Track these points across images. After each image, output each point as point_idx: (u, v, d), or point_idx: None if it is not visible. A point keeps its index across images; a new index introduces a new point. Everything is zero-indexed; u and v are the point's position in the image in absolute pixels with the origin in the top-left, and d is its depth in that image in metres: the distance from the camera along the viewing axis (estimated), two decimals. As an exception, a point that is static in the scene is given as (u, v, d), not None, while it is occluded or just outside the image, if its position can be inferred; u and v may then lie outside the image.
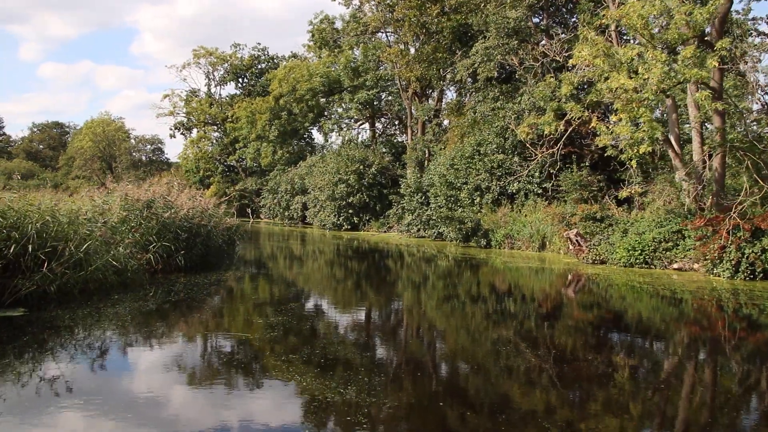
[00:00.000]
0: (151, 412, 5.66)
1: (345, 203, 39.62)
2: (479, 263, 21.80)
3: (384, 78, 47.42)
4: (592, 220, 20.31)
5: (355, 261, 23.81)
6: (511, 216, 26.41)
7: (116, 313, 9.78)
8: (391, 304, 13.25)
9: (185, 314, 10.32)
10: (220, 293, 12.60)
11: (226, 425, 5.37)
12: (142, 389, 6.39)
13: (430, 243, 29.96)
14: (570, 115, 19.26)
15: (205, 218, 16.09)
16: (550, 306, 13.00)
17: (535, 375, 7.27)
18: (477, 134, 29.52)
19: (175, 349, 8.04)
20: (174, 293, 11.94)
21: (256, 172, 62.08)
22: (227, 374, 7.01)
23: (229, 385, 6.58)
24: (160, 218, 14.28)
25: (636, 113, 15.84)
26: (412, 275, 19.07)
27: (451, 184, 29.54)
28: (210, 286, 13.11)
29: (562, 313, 12.11)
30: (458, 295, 14.21)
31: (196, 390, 6.47)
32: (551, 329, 10.28)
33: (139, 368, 7.25)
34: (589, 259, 19.74)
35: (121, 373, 7.05)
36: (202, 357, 7.78)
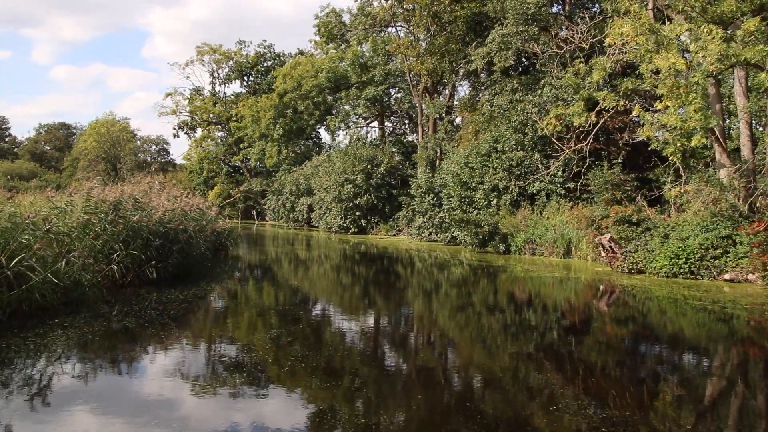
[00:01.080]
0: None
1: (352, 205, 37.44)
2: (497, 270, 19.63)
3: (393, 74, 45.23)
4: (627, 224, 17.96)
5: (363, 266, 21.62)
6: (532, 219, 24.10)
7: (40, 347, 7.62)
8: (400, 315, 11.99)
9: (130, 350, 8.12)
10: (190, 316, 10.40)
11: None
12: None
13: (442, 248, 27.72)
14: (603, 104, 16.94)
15: (187, 221, 13.93)
16: (577, 320, 11.53)
17: (558, 396, 6.37)
18: (493, 130, 27.25)
19: (102, 410, 5.85)
20: (132, 315, 9.77)
21: (261, 172, 60.08)
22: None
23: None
24: (128, 222, 12.14)
25: (684, 100, 13.52)
26: (424, 282, 17.32)
27: (466, 184, 27.27)
28: (182, 304, 10.91)
29: (591, 328, 10.71)
30: (473, 304, 12.89)
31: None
32: (579, 345, 9.08)
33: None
34: (624, 268, 17.41)
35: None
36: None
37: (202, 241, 14.88)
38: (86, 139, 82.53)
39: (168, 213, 13.30)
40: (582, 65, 18.41)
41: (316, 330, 9.63)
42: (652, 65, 13.17)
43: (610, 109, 17.14)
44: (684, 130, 13.27)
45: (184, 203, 15.35)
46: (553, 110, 18.97)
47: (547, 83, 24.42)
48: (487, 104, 26.28)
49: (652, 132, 14.70)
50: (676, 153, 14.89)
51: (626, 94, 17.04)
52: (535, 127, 24.78)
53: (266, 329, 9.40)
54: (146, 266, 12.13)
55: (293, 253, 25.35)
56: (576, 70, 18.85)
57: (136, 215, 12.18)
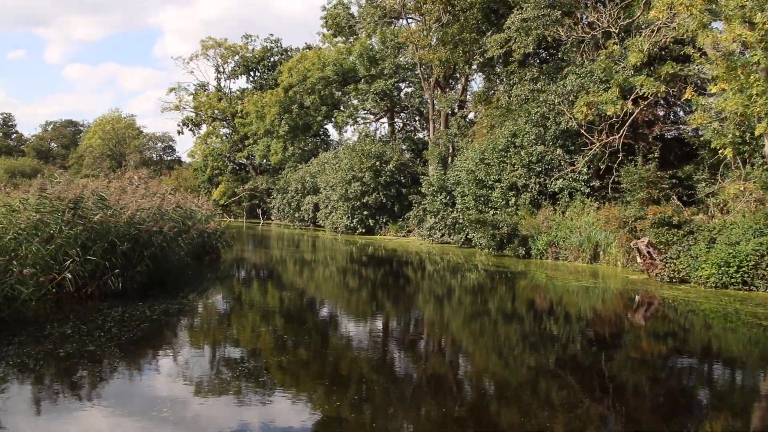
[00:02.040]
0: None
1: (359, 204, 35.49)
2: (516, 276, 17.76)
3: (403, 67, 43.23)
4: (667, 227, 15.86)
5: (370, 269, 19.71)
6: (554, 220, 22.05)
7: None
8: (410, 326, 10.88)
9: (51, 389, 6.21)
10: (151, 340, 8.47)
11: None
12: None
13: (455, 250, 25.72)
14: (642, 90, 14.85)
15: (164, 222, 12.03)
16: (607, 333, 10.30)
17: (581, 415, 5.78)
18: (511, 124, 25.20)
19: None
20: (76, 338, 7.86)
21: (267, 170, 58.28)
22: None
23: None
24: (89, 223, 10.25)
25: (744, 82, 11.46)
26: (435, 288, 15.87)
27: (482, 182, 25.24)
28: (144, 323, 8.99)
29: (623, 343, 9.51)
30: (489, 312, 11.88)
31: None
32: (608, 362, 8.09)
33: None
34: (664, 277, 15.32)
35: None
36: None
37: (184, 245, 12.96)
38: (91, 136, 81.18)
39: (140, 212, 11.40)
40: (616, 47, 16.28)
41: (313, 363, 7.65)
42: (710, 39, 11.09)
43: (649, 96, 15.04)
44: (745, 117, 11.18)
45: (166, 201, 13.46)
46: (583, 97, 16.91)
47: (571, 72, 22.33)
48: (504, 95, 24.22)
49: (704, 120, 12.58)
50: (729, 145, 12.81)
51: (666, 80, 14.94)
52: (558, 119, 22.72)
53: (247, 364, 7.48)
54: (109, 275, 10.23)
55: (294, 257, 23.45)
56: (609, 52, 16.72)
57: (98, 214, 10.27)
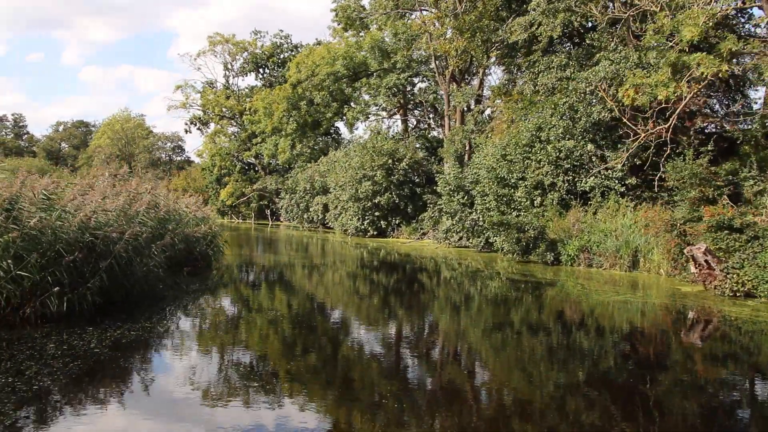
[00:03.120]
0: None
1: (370, 204, 33.33)
2: (543, 285, 15.72)
3: (417, 61, 41.05)
4: (727, 230, 13.52)
5: (382, 275, 17.55)
6: (585, 222, 19.76)
7: None
8: (425, 337, 9.90)
9: None
10: (85, 386, 6.37)
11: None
12: None
13: (474, 255, 23.49)
14: (699, 71, 12.54)
15: (130, 225, 9.95)
16: (652, 353, 8.82)
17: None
18: (536, 116, 22.94)
19: None
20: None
21: (276, 170, 56.36)
22: None
23: None
24: (24, 228, 8.19)
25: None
26: (453, 296, 14.45)
27: (503, 181, 22.98)
28: (78, 360, 6.88)
29: (670, 363, 8.24)
30: (512, 324, 10.73)
31: None
32: (653, 385, 6.89)
33: None
34: (725, 290, 13.00)
35: None
36: None
37: (158, 253, 10.86)
38: (100, 136, 79.94)
39: (98, 215, 9.32)
40: (666, 19, 13.94)
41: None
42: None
43: (706, 78, 12.72)
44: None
45: (140, 201, 11.39)
46: (629, 79, 14.60)
47: (604, 57, 20.01)
48: (529, 84, 21.95)
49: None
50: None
51: (728, 58, 12.61)
52: (589, 110, 20.42)
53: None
54: (47, 294, 8.17)
55: (296, 264, 21.35)
56: (658, 27, 14.38)
57: (35, 217, 8.21)
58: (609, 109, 19.74)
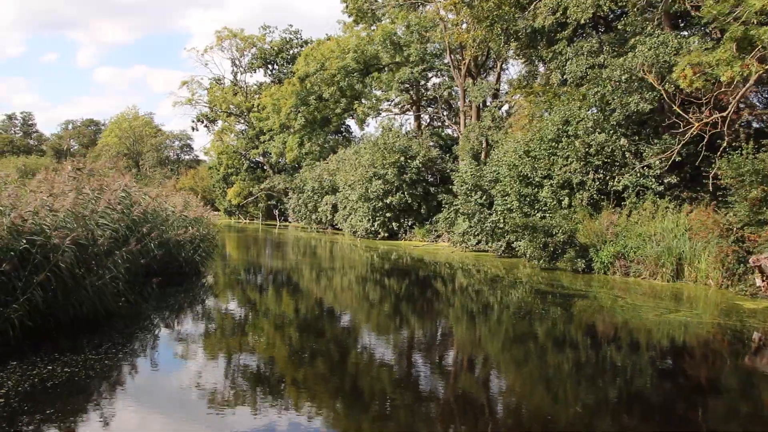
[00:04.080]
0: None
1: (381, 204, 31.39)
2: (573, 296, 13.83)
3: (431, 54, 39.05)
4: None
5: (393, 280, 15.60)
6: (620, 225, 17.69)
7: None
8: (438, 351, 8.94)
9: None
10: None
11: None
12: None
13: (494, 260, 21.46)
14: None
15: (84, 228, 8.09)
16: (704, 377, 7.63)
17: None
18: (562, 108, 20.89)
19: None
20: None
21: (285, 169, 54.57)
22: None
23: None
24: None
25: None
26: (469, 305, 13.29)
27: (526, 179, 20.94)
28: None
29: (725, 388, 6.98)
30: (536, 337, 9.68)
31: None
32: (704, 412, 5.76)
33: None
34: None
35: None
36: None
37: (122, 261, 9.00)
38: (107, 134, 78.68)
39: (39, 215, 7.47)
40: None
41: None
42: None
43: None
44: None
45: (104, 199, 9.54)
46: (686, 58, 12.54)
47: (639, 42, 17.91)
48: (556, 73, 19.92)
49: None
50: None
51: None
52: (624, 100, 18.34)
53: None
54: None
55: (297, 270, 19.48)
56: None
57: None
58: (648, 100, 17.68)
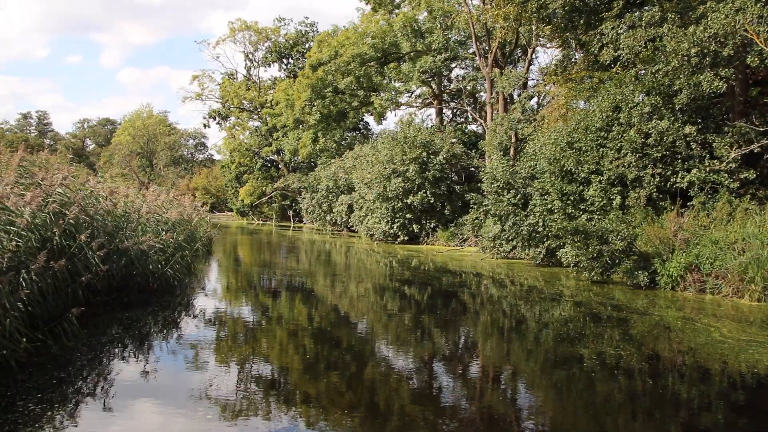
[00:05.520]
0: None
1: (401, 204, 28.49)
2: (630, 313, 11.53)
3: (455, 42, 36.06)
4: None
5: (414, 291, 12.67)
6: (690, 230, 14.58)
7: None
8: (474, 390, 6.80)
9: None
10: None
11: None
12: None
13: (532, 270, 18.39)
14: None
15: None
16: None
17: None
18: (612, 92, 17.83)
19: None
20: None
21: (300, 167, 51.94)
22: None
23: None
24: None
25: None
26: (498, 320, 11.19)
27: (570, 175, 17.91)
28: None
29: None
30: (581, 359, 7.66)
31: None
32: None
33: None
34: None
35: None
36: None
37: (25, 285, 6.24)
38: (121, 132, 76.93)
39: None
40: None
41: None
42: None
43: None
44: None
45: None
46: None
47: (710, 9, 14.81)
48: (608, 49, 16.79)
49: None
50: None
51: None
52: (693, 79, 15.23)
53: None
54: None
55: (302, 287, 16.66)
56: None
57: None
58: (724, 78, 14.58)
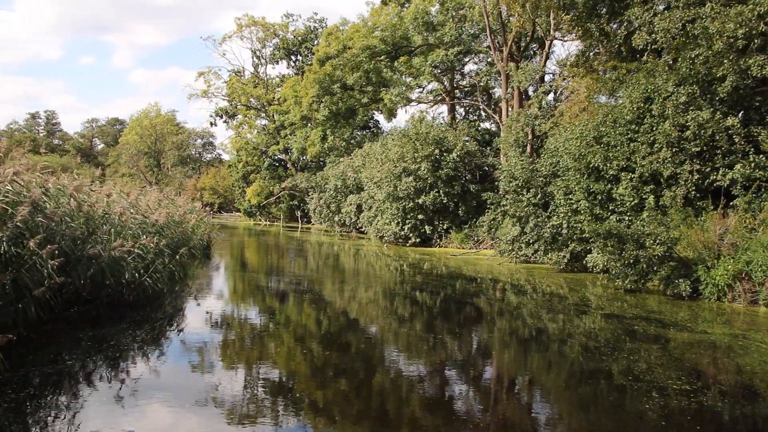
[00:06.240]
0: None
1: (412, 205, 27.05)
2: (670, 327, 10.09)
3: (469, 35, 34.55)
4: None
5: (425, 297, 11.17)
6: (740, 232, 13.04)
7: None
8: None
9: None
10: None
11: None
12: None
13: (555, 276, 16.83)
14: None
15: None
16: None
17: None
18: (643, 82, 16.30)
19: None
20: None
21: (308, 166, 50.63)
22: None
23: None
24: None
25: None
26: (519, 335, 9.64)
27: (597, 172, 16.40)
28: None
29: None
30: (611, 375, 6.90)
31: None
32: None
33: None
34: None
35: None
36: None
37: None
38: (128, 132, 76.08)
39: None
40: None
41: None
42: None
43: None
44: None
45: None
46: None
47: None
48: (641, 33, 15.23)
49: None
50: None
51: None
52: (739, 65, 13.71)
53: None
54: None
55: (301, 292, 15.23)
56: None
57: None
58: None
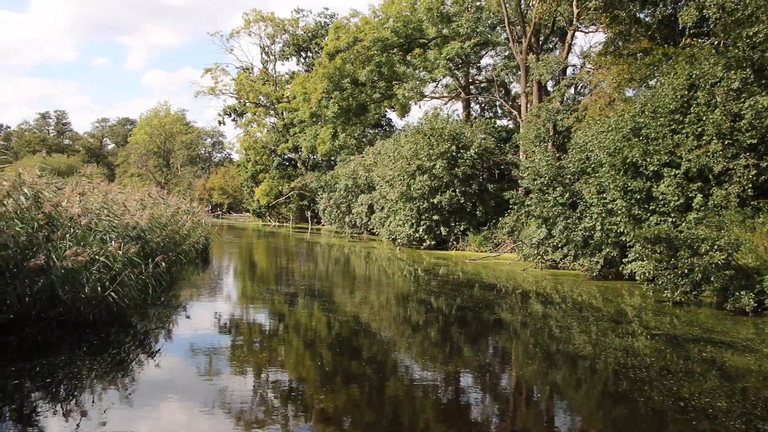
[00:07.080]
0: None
1: (427, 205, 25.37)
2: (724, 347, 8.66)
3: (486, 26, 32.81)
4: None
5: (441, 303, 9.42)
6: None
7: None
8: None
9: None
10: None
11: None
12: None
13: (587, 284, 15.04)
14: None
15: None
16: None
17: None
18: (686, 68, 14.53)
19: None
20: None
21: (318, 166, 49.16)
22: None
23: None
24: None
25: None
26: (553, 362, 7.63)
27: (635, 168, 14.62)
28: None
29: None
30: (651, 401, 6.15)
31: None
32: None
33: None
34: None
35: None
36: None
37: None
38: (137, 131, 75.12)
39: None
40: None
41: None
42: None
43: None
44: None
45: None
46: None
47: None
48: (689, 8, 13.53)
49: None
50: None
51: None
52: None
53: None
54: None
55: (303, 307, 13.60)
56: None
57: None
58: None
